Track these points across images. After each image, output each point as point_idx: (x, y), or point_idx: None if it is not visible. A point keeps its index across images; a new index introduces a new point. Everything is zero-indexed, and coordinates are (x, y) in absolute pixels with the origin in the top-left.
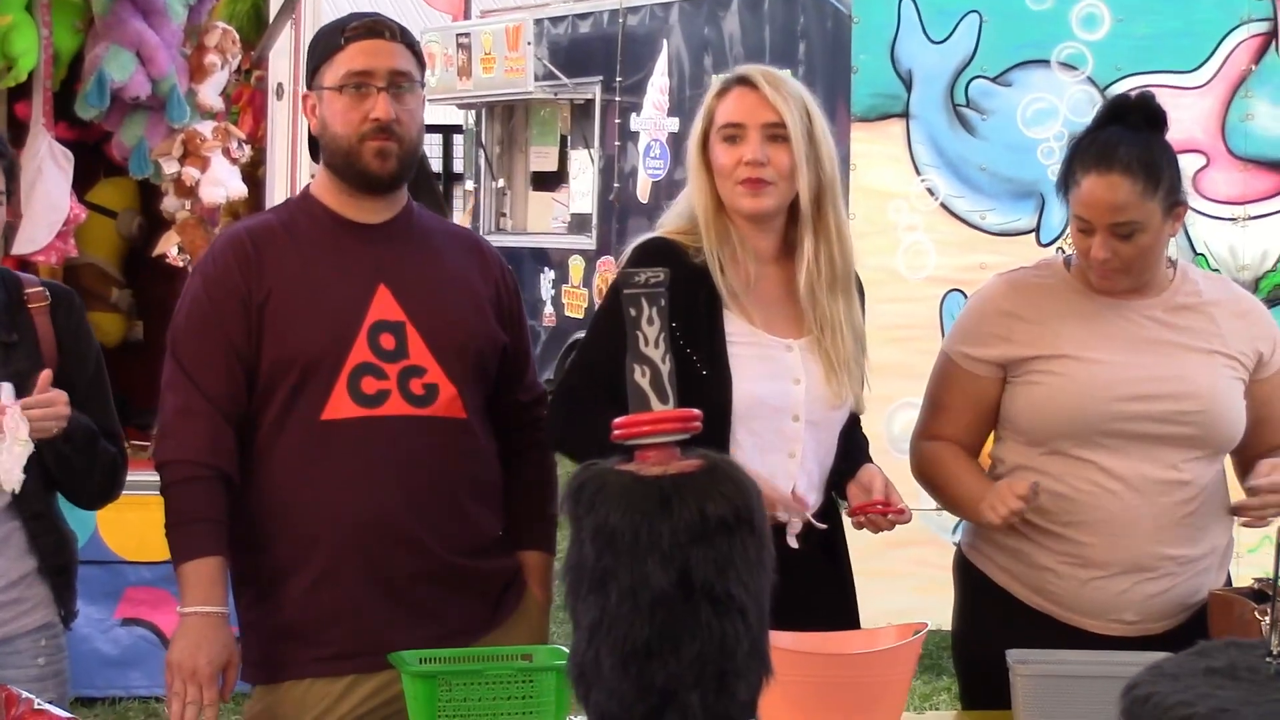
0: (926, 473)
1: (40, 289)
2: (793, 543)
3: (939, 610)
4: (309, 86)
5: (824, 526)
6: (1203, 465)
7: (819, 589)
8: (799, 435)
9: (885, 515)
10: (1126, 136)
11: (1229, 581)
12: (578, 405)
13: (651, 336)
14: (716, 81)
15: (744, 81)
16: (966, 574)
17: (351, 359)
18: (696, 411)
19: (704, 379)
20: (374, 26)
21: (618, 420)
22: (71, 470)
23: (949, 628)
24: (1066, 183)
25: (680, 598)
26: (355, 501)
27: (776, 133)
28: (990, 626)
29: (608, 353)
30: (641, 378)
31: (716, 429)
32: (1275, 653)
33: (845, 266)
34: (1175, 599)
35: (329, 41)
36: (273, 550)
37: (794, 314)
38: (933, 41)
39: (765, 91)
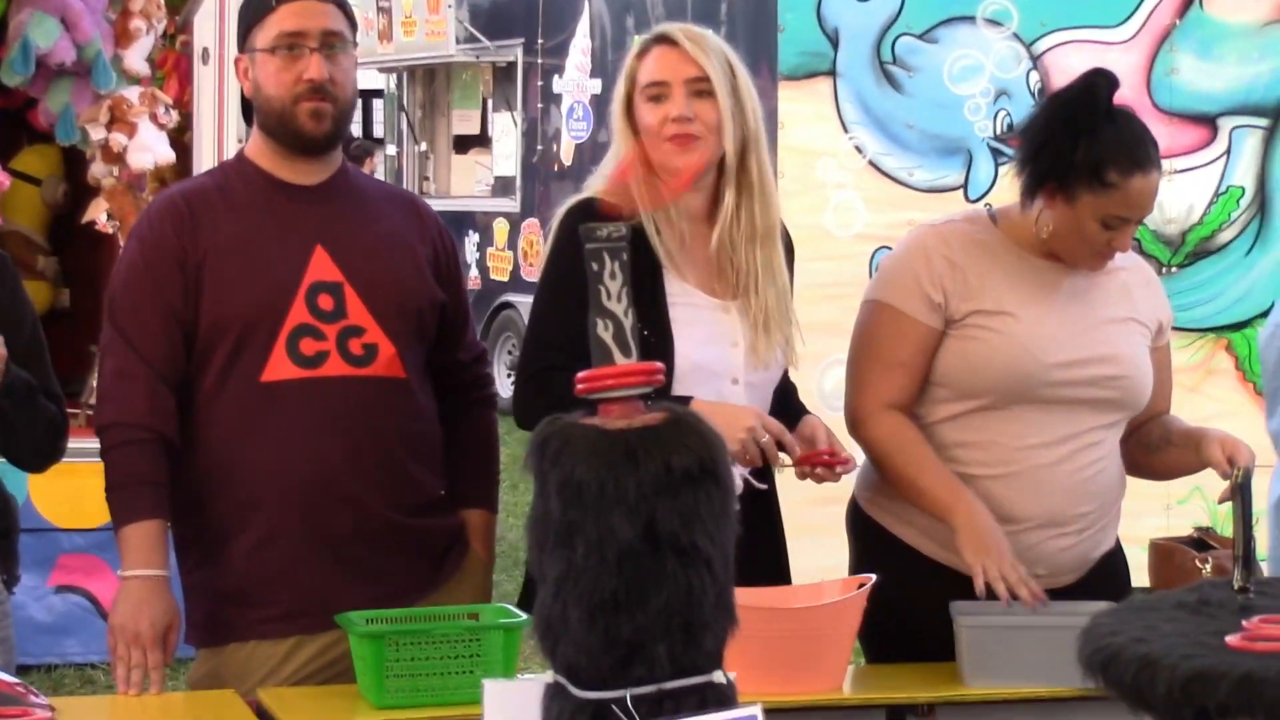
0: (887, 450)
1: None
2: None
3: None
4: (240, 49)
5: (763, 486)
6: (1116, 429)
7: (754, 546)
8: (740, 398)
9: (833, 467)
10: (1133, 128)
11: (1117, 540)
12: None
13: (614, 290)
14: (636, 42)
15: (664, 40)
16: (865, 527)
17: (290, 320)
18: (660, 365)
19: (647, 343)
20: None
21: (581, 374)
22: (11, 428)
23: None
24: (1068, 179)
25: (647, 550)
26: (296, 462)
27: (701, 88)
28: (892, 579)
29: (566, 329)
30: (604, 331)
31: (660, 393)
32: (1237, 586)
33: (768, 221)
34: (1080, 554)
35: (260, 3)
36: (215, 512)
37: (725, 274)
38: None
39: (686, 47)
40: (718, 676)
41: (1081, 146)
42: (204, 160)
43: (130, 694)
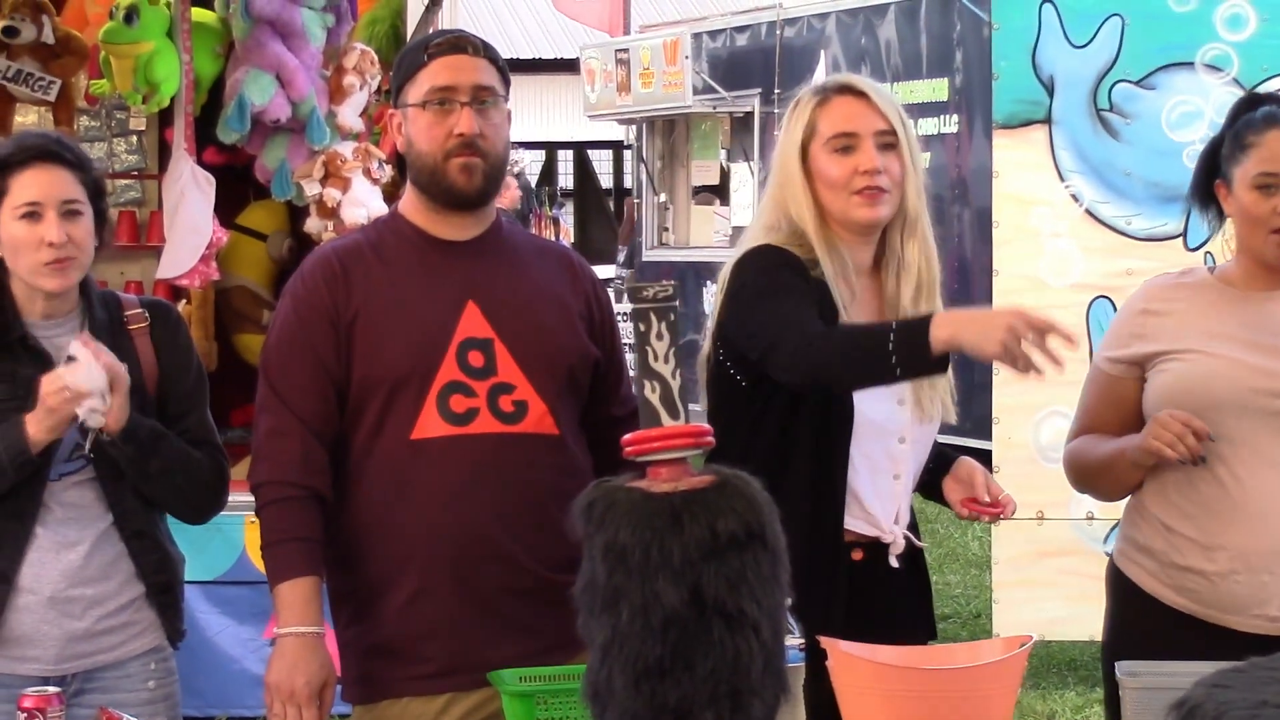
0: (1074, 466)
1: (139, 310)
2: (894, 563)
3: (1091, 620)
4: (394, 105)
5: (923, 544)
6: None
7: (904, 602)
8: (905, 457)
9: (996, 516)
10: (1267, 104)
11: None
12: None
13: (661, 351)
14: (809, 91)
15: (850, 90)
16: (1117, 582)
17: (440, 377)
18: (707, 427)
19: (830, 397)
20: (457, 42)
21: (627, 437)
22: (146, 475)
23: (1100, 638)
24: (1217, 164)
25: (692, 615)
26: (447, 519)
27: (888, 140)
28: (1138, 634)
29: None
30: (652, 393)
31: (839, 448)
32: None
33: (932, 274)
34: None
35: (413, 59)
36: (367, 568)
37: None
38: (1074, 46)
39: (875, 100)
40: None
41: (1226, 136)
42: None
43: None
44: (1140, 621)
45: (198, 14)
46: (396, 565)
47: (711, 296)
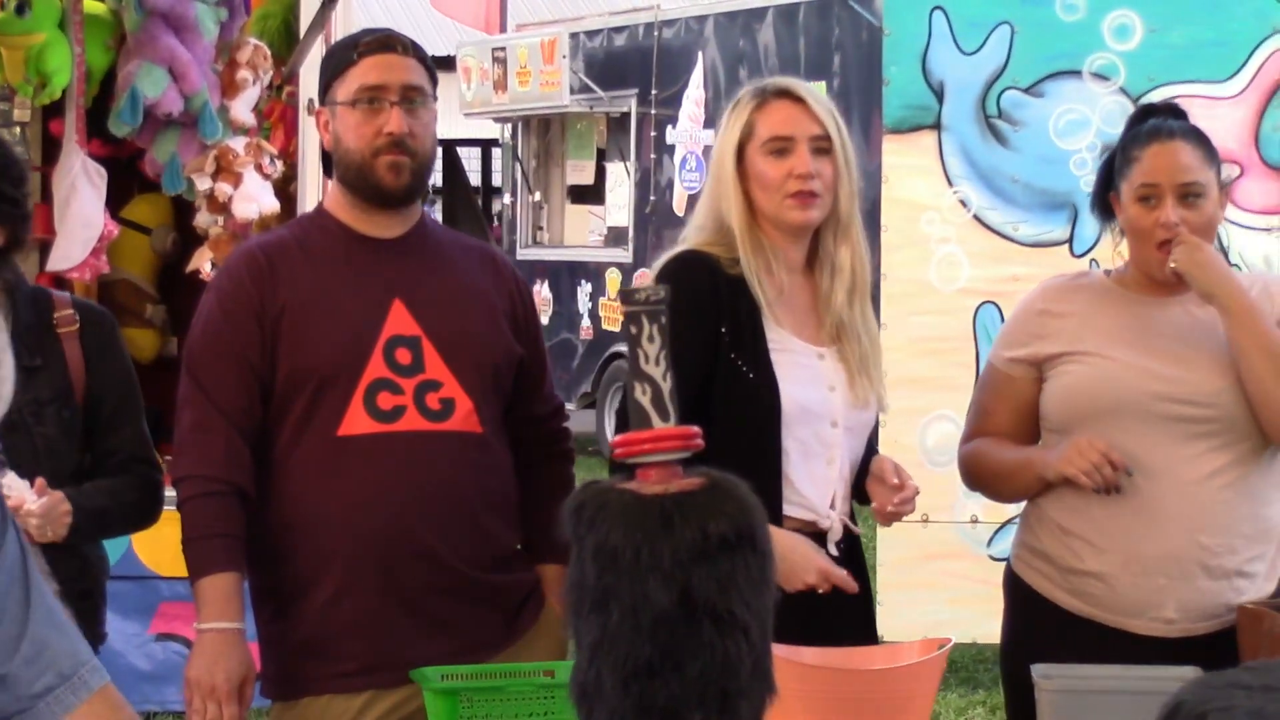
0: (973, 467)
1: (70, 312)
2: (833, 550)
3: (973, 623)
4: (321, 102)
5: (859, 531)
6: (1235, 455)
7: (844, 595)
8: (838, 441)
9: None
10: (1170, 121)
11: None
12: None
13: (652, 354)
14: (748, 93)
15: (787, 94)
16: (1015, 586)
17: (367, 374)
18: (696, 429)
19: (753, 384)
20: (387, 41)
21: (618, 439)
22: (91, 538)
23: (982, 640)
24: (1112, 177)
25: (682, 617)
26: (372, 516)
27: (822, 145)
28: (1037, 639)
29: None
30: (642, 395)
31: (768, 435)
32: None
33: (865, 275)
34: (1215, 595)
35: (342, 56)
36: (290, 565)
37: (818, 322)
38: (964, 53)
39: (811, 104)
40: None
41: (1117, 149)
42: (308, 209)
43: None
44: (1038, 625)
45: (89, 6)
46: (320, 562)
47: (585, 296)
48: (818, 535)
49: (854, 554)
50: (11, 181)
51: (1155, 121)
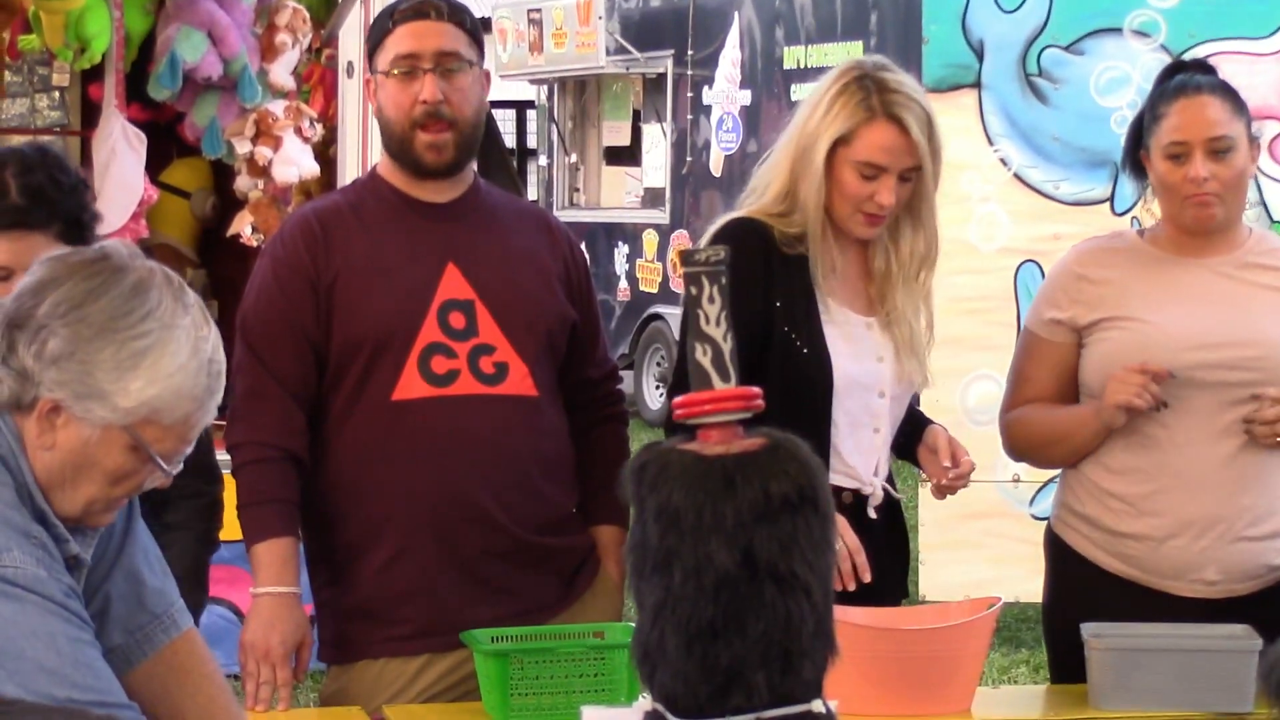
0: (1021, 435)
1: None
2: (873, 514)
3: (1015, 582)
4: (370, 71)
5: (900, 496)
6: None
7: (885, 556)
8: (884, 411)
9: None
10: (1197, 76)
11: None
12: None
13: (713, 315)
14: (858, 95)
15: (895, 120)
16: (1056, 547)
17: (421, 338)
18: (757, 390)
19: (805, 358)
20: (420, 7)
21: (678, 400)
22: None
23: (1025, 600)
24: (1141, 135)
25: (745, 577)
26: (427, 481)
27: (909, 175)
28: (1078, 598)
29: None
30: (703, 356)
31: (820, 407)
32: None
33: (923, 252)
34: (1256, 558)
35: (380, 25)
36: (345, 530)
37: (867, 293)
38: (1004, 11)
39: (914, 134)
40: (817, 705)
41: (1146, 106)
42: (348, 174)
43: (259, 710)
44: (1080, 585)
45: None
46: (375, 527)
47: (622, 257)
48: (859, 500)
49: (895, 518)
50: (62, 172)
51: (1182, 77)
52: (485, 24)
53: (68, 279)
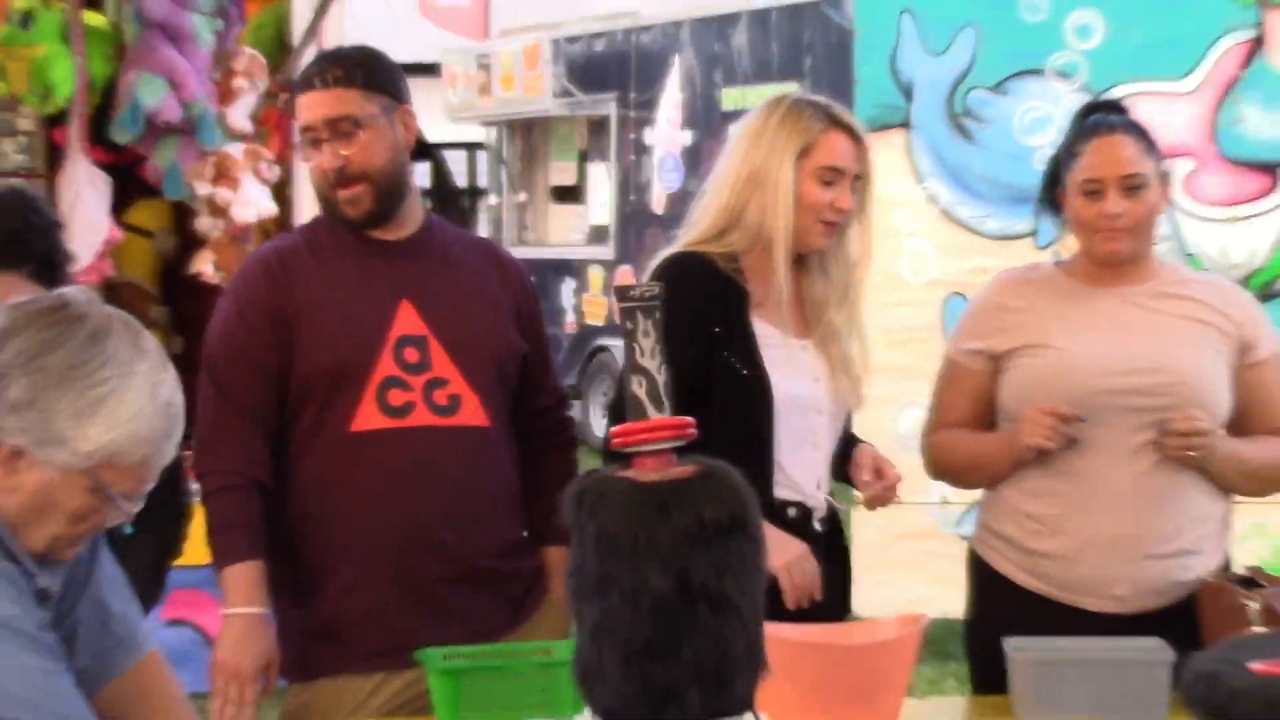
0: (942, 459)
1: None
2: (818, 526)
3: (946, 600)
4: None
5: (843, 506)
6: None
7: (829, 568)
8: (824, 427)
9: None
10: (1110, 116)
11: (1228, 564)
12: None
13: (647, 348)
14: (811, 113)
15: (848, 129)
16: (977, 565)
17: (378, 372)
18: (690, 420)
19: (745, 380)
20: (308, 78)
21: (615, 429)
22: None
23: (953, 615)
24: (1058, 173)
25: (679, 600)
26: (384, 510)
27: (857, 184)
28: (997, 614)
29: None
30: (639, 388)
31: (763, 425)
32: None
33: (861, 284)
34: (1165, 573)
35: (295, 95)
36: (308, 555)
37: (802, 316)
38: (931, 54)
39: (865, 145)
40: (748, 718)
41: (1062, 145)
42: (304, 213)
43: None
44: (999, 602)
45: (90, 18)
46: (335, 554)
47: (570, 292)
48: (804, 512)
49: (835, 528)
50: (35, 213)
51: (1096, 117)
52: (434, 69)
53: (26, 328)
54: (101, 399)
